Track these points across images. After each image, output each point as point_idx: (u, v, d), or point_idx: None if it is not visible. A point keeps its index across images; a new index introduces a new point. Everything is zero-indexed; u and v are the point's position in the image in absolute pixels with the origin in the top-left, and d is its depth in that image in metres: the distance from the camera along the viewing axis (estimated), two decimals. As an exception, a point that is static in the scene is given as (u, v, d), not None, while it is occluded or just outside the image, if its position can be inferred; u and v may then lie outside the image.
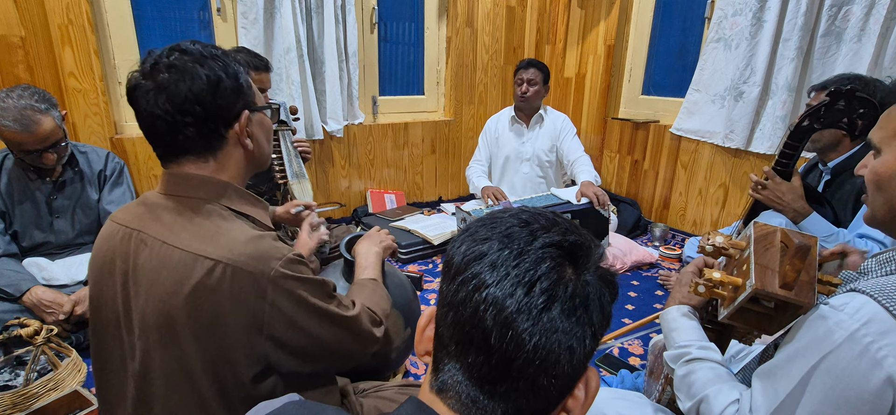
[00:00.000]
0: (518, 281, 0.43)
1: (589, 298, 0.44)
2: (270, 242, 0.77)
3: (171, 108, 0.74)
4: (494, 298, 0.42)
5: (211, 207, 0.79)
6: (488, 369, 0.44)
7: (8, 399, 1.27)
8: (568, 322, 0.43)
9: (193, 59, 0.76)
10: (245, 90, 0.81)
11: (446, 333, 0.46)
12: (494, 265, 0.44)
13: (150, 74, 0.75)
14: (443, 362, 0.47)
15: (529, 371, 0.43)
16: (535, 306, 0.42)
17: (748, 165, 2.53)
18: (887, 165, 0.74)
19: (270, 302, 0.74)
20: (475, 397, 0.45)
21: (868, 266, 0.75)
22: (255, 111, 0.84)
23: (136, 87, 0.76)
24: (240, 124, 0.80)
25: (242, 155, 0.84)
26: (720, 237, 0.90)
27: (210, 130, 0.78)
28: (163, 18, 2.36)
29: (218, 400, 0.77)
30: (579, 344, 0.44)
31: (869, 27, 2.02)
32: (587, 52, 3.26)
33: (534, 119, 2.80)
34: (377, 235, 1.22)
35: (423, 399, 0.48)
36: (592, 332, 0.45)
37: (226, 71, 0.78)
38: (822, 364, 0.65)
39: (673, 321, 0.93)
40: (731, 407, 0.76)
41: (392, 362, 1.41)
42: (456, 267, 0.46)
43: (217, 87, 0.76)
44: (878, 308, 0.62)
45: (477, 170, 2.90)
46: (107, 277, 0.80)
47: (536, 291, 0.42)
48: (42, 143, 1.61)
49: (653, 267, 2.46)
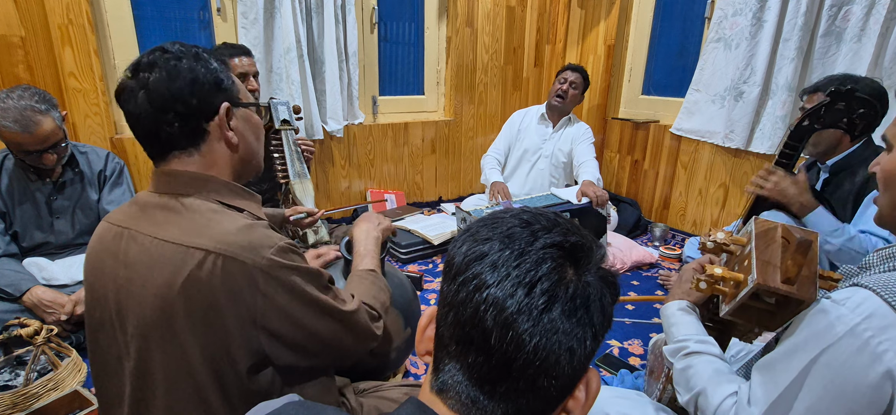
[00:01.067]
0: (519, 281, 0.43)
1: (590, 299, 0.44)
2: (262, 230, 0.77)
3: (151, 106, 0.76)
4: (495, 299, 0.43)
5: (201, 202, 0.79)
6: (488, 370, 0.44)
7: (8, 399, 1.27)
8: (568, 323, 0.43)
9: (172, 57, 0.77)
10: (225, 85, 0.82)
11: (447, 333, 0.46)
12: (495, 265, 0.44)
13: (132, 76, 0.77)
14: (443, 362, 0.47)
15: (529, 372, 0.43)
16: (536, 307, 0.42)
17: (748, 165, 2.53)
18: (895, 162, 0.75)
19: (263, 292, 0.73)
20: (475, 397, 0.45)
21: (870, 261, 0.75)
22: (237, 106, 0.85)
23: (123, 90, 0.78)
24: (219, 117, 0.81)
25: (227, 149, 0.84)
26: (721, 233, 0.90)
27: (192, 126, 0.79)
28: (163, 18, 2.36)
29: (217, 394, 0.76)
30: (580, 345, 0.44)
31: (869, 27, 2.02)
32: (587, 52, 3.26)
33: (561, 122, 2.81)
34: (375, 216, 1.19)
35: (424, 399, 0.48)
36: (593, 333, 0.44)
37: (206, 67, 0.79)
38: (821, 357, 0.65)
39: (672, 316, 0.93)
40: (729, 400, 0.76)
41: (392, 361, 1.40)
42: (457, 267, 0.46)
43: (195, 83, 0.78)
44: (880, 303, 0.62)
45: (491, 161, 2.91)
46: (100, 277, 0.80)
47: (537, 292, 0.42)
48: (42, 143, 1.60)
49: (653, 267, 2.46)
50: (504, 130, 2.96)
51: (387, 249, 1.22)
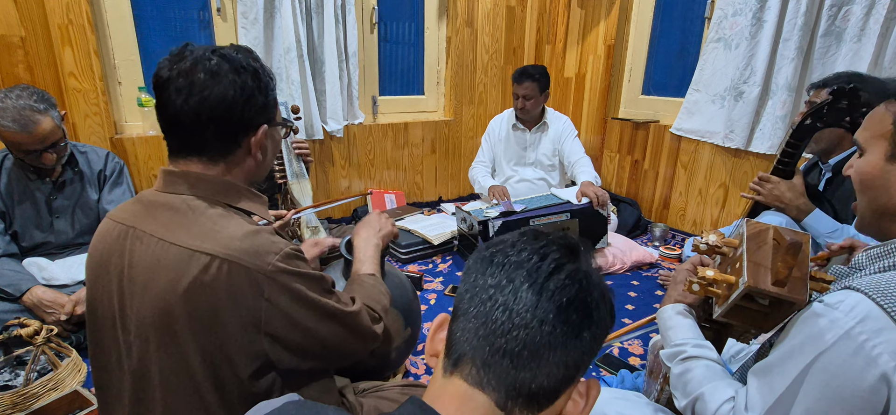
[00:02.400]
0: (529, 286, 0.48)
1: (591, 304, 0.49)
2: (267, 236, 0.77)
3: (199, 109, 0.75)
4: (507, 305, 0.48)
5: (207, 205, 0.79)
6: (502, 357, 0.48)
7: (8, 399, 1.27)
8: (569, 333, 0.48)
9: (232, 68, 0.77)
10: (271, 106, 0.83)
11: (458, 333, 0.50)
12: (501, 287, 0.49)
13: (188, 71, 0.75)
14: (457, 347, 0.51)
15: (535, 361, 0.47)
16: (547, 317, 0.47)
17: (748, 165, 2.53)
18: (870, 164, 0.76)
19: (268, 298, 0.74)
20: (489, 361, 0.48)
21: (860, 262, 0.75)
22: (273, 126, 0.86)
23: (168, 81, 0.76)
24: (257, 137, 0.82)
25: (252, 163, 0.85)
26: (714, 236, 0.90)
27: (229, 138, 0.80)
28: (163, 18, 2.37)
29: (216, 397, 0.76)
30: (576, 350, 0.48)
31: (869, 27, 2.02)
32: (587, 52, 3.26)
33: (536, 126, 2.81)
34: (376, 220, 1.18)
35: (431, 394, 0.50)
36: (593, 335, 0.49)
37: (258, 86, 0.79)
38: (817, 362, 0.65)
39: (668, 319, 0.93)
40: (726, 405, 0.76)
41: (392, 361, 1.40)
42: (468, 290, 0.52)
43: (249, 99, 0.78)
44: (872, 306, 0.62)
45: (481, 170, 2.91)
46: (103, 275, 0.80)
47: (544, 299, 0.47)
48: (41, 143, 1.61)
49: (653, 267, 2.46)
50: (485, 139, 2.95)
51: (387, 249, 1.22)
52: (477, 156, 2.99)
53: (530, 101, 2.67)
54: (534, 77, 2.63)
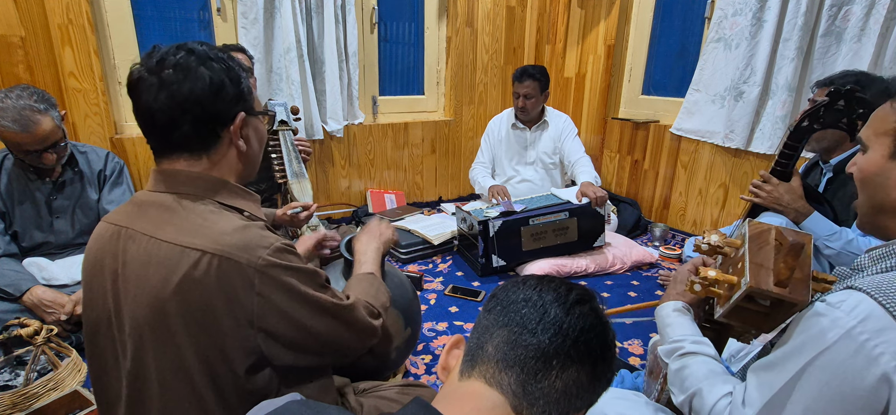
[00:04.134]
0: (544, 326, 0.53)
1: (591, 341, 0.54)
2: (258, 230, 0.77)
3: (171, 105, 0.75)
4: (538, 311, 0.54)
5: (199, 202, 0.79)
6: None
7: (8, 399, 1.27)
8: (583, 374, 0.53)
9: (199, 60, 0.77)
10: (245, 95, 0.83)
11: (482, 337, 0.55)
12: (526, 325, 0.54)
13: (155, 70, 0.76)
14: (478, 352, 0.54)
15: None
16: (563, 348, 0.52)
17: (748, 165, 2.53)
18: (871, 161, 0.76)
19: (259, 293, 0.73)
20: (511, 361, 0.52)
21: (862, 262, 0.75)
22: (251, 115, 0.85)
23: (139, 81, 0.76)
24: (235, 125, 0.81)
25: (235, 155, 0.85)
26: (716, 236, 0.90)
27: (207, 130, 0.79)
28: (163, 18, 2.37)
29: (213, 395, 0.76)
30: (588, 375, 0.53)
31: (869, 27, 2.02)
32: (587, 52, 3.26)
33: (536, 124, 2.81)
34: (377, 227, 1.19)
35: (443, 395, 0.52)
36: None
37: (229, 75, 0.79)
38: (817, 361, 0.65)
39: (667, 317, 0.93)
40: (723, 400, 0.76)
41: (392, 361, 1.40)
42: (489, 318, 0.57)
43: (220, 90, 0.78)
44: (874, 305, 0.62)
45: (481, 171, 2.91)
46: (98, 276, 0.80)
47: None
48: (41, 143, 1.61)
49: (653, 267, 2.46)
50: (484, 139, 2.96)
51: (387, 253, 1.23)
52: (477, 157, 2.99)
53: (531, 101, 2.68)
54: (534, 76, 2.65)
